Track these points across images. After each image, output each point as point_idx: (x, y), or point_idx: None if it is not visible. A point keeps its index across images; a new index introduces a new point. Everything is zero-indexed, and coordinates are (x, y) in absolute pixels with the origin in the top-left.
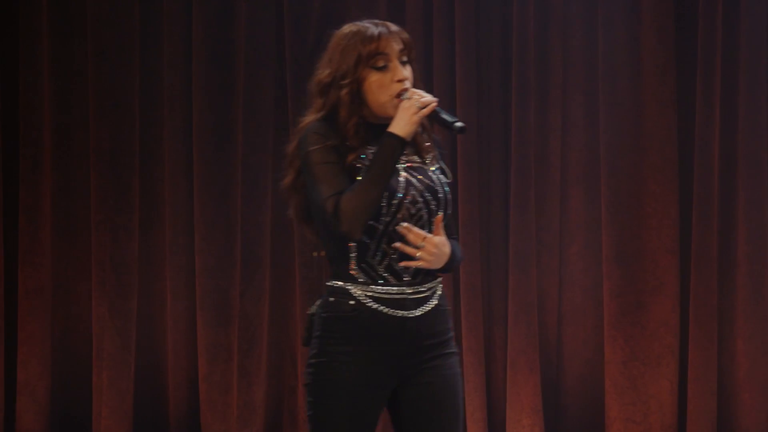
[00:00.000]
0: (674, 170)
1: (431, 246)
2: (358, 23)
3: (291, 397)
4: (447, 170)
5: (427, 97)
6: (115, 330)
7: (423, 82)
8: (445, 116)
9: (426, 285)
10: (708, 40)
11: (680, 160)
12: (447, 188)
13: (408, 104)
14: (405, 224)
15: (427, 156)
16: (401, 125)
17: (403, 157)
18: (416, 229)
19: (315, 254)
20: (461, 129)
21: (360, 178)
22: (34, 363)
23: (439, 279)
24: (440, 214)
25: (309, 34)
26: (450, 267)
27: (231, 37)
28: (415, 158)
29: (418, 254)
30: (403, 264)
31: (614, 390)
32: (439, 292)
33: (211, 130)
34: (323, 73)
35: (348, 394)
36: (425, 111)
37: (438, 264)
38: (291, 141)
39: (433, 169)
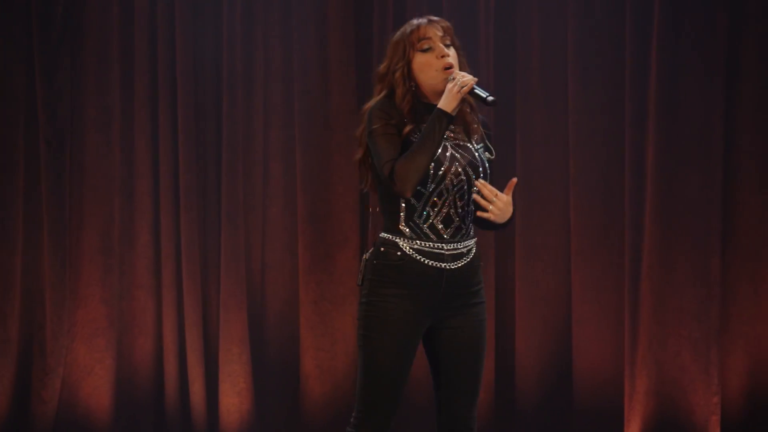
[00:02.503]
0: (355, 146)
1: (501, 202)
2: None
3: (40, 332)
4: (491, 148)
5: (468, 78)
6: None
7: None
8: (479, 92)
9: (462, 243)
10: (381, 41)
11: None
12: (488, 164)
13: (451, 84)
14: (480, 180)
15: (474, 135)
16: (446, 102)
17: (452, 135)
18: (490, 186)
19: (370, 209)
20: (493, 102)
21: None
22: None
23: (475, 239)
24: (515, 179)
25: (54, 31)
26: (508, 224)
27: None
28: (463, 136)
29: (490, 207)
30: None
31: (307, 324)
32: (474, 251)
33: None
34: (381, 66)
35: (394, 328)
36: (465, 89)
37: (502, 219)
38: (360, 124)
39: (477, 146)
